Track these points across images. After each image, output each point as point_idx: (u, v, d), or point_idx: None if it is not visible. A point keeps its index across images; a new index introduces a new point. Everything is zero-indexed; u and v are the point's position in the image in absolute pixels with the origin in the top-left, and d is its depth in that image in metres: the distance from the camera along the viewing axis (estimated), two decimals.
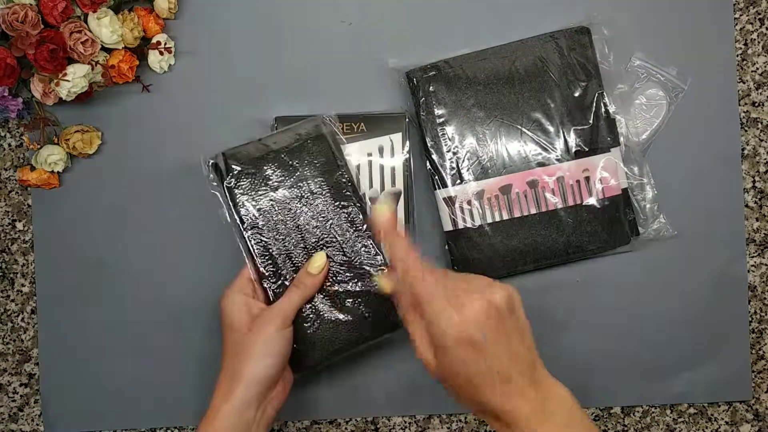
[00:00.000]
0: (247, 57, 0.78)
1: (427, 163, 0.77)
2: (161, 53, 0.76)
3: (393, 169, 0.76)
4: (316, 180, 0.71)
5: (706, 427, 0.80)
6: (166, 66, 0.77)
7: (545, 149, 0.76)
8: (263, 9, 0.78)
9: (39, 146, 0.76)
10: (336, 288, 0.70)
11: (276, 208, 0.70)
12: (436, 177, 0.76)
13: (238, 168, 0.70)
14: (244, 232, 0.70)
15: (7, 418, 0.80)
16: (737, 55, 0.79)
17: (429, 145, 0.76)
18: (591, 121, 0.76)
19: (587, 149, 0.76)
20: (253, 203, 0.70)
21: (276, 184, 0.71)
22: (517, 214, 0.76)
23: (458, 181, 0.76)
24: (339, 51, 0.78)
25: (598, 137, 0.76)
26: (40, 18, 0.71)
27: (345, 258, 0.70)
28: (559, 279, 0.78)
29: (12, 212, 0.79)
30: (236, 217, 0.70)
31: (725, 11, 0.79)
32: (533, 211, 0.76)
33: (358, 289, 0.70)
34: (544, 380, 0.59)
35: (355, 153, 0.75)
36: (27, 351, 0.79)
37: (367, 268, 0.71)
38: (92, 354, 0.79)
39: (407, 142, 0.76)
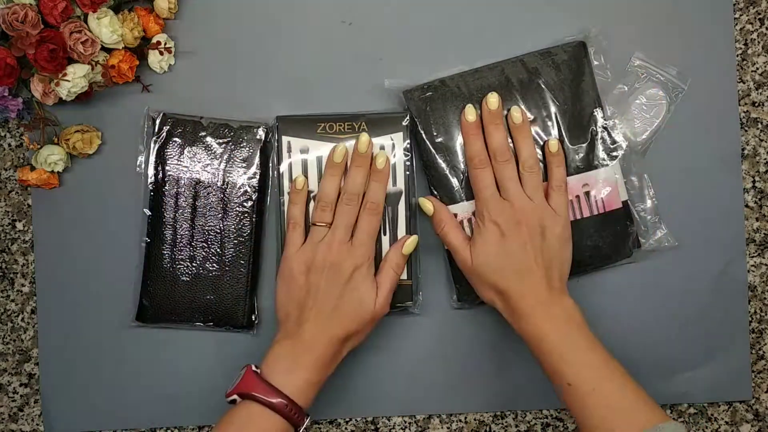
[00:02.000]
0: (247, 57, 0.78)
1: (427, 181, 0.76)
2: (161, 53, 0.76)
3: (394, 169, 0.75)
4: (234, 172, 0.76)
5: (706, 427, 0.80)
6: (166, 66, 0.77)
7: (544, 165, 0.75)
8: (263, 9, 0.78)
9: (39, 146, 0.76)
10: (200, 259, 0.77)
11: (181, 182, 0.76)
12: (437, 195, 0.76)
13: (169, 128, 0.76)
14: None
15: (7, 418, 0.80)
16: (737, 55, 0.79)
17: (428, 163, 0.76)
18: (588, 137, 0.76)
19: (586, 164, 0.76)
20: (168, 167, 0.76)
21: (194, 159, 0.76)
22: None
23: (458, 198, 0.76)
24: (339, 51, 0.78)
25: (597, 152, 0.76)
26: (40, 18, 0.71)
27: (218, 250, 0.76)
28: None
29: (12, 212, 0.79)
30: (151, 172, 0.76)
31: (725, 11, 0.79)
32: None
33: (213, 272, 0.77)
34: (560, 290, 0.71)
35: None
36: (27, 351, 0.79)
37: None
38: (92, 354, 0.79)
39: (408, 142, 0.75)
